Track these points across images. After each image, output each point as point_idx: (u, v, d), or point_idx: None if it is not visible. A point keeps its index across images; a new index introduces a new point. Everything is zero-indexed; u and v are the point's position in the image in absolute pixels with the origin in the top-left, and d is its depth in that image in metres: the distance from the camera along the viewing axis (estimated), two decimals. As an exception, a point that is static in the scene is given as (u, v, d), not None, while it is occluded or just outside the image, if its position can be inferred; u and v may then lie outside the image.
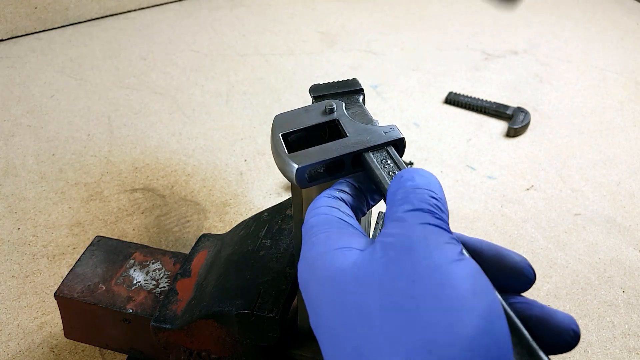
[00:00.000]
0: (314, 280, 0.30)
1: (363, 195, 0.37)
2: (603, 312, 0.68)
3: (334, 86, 0.45)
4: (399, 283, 0.27)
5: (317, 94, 0.45)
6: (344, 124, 0.40)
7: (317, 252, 0.31)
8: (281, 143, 0.39)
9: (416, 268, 0.27)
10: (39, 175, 0.88)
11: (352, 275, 0.28)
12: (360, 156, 0.38)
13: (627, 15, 1.42)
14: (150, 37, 1.28)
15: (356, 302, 0.27)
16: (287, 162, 0.37)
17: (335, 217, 0.33)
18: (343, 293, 0.28)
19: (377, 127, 0.39)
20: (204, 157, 0.92)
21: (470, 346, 0.24)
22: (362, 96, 0.45)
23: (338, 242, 0.31)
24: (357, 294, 0.28)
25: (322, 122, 0.41)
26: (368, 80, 1.13)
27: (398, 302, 0.26)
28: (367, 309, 0.27)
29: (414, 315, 0.25)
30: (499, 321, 0.25)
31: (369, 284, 0.27)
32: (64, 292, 0.55)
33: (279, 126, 0.40)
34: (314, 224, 0.33)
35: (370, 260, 0.28)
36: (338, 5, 1.44)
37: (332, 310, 0.28)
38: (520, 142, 0.97)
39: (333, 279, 0.29)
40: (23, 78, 1.12)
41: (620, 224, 0.81)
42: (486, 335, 0.24)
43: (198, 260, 0.57)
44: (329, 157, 0.37)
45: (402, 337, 0.25)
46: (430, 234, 0.28)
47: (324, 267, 0.30)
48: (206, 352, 0.52)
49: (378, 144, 0.38)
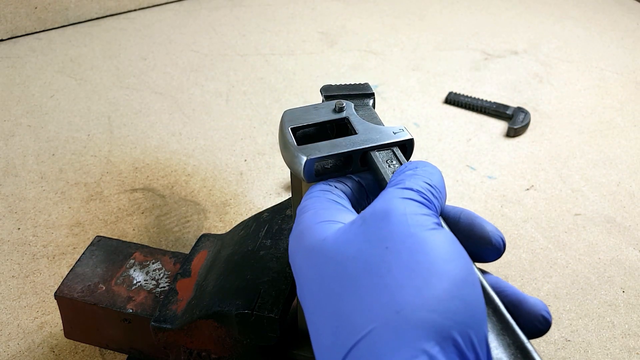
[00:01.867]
0: (300, 251, 0.32)
1: (364, 190, 0.38)
2: (603, 312, 0.68)
3: (346, 88, 0.46)
4: (373, 249, 0.28)
5: (328, 93, 0.45)
6: (353, 122, 0.40)
7: (304, 225, 0.32)
8: (290, 136, 0.39)
9: (391, 235, 0.28)
10: (39, 175, 0.88)
11: (333, 243, 0.30)
12: (367, 154, 0.38)
13: (627, 15, 1.42)
14: (150, 37, 1.28)
15: (336, 268, 0.29)
16: (296, 154, 0.37)
17: (327, 198, 0.35)
18: (325, 260, 0.29)
19: (386, 127, 0.39)
20: (204, 157, 0.92)
21: (438, 308, 0.25)
22: (372, 100, 0.45)
23: (324, 216, 0.32)
24: (336, 260, 0.29)
25: (332, 120, 0.41)
26: (368, 80, 1.13)
27: (372, 267, 0.27)
28: (345, 274, 0.28)
29: (385, 279, 0.26)
30: (472, 288, 0.26)
31: (348, 251, 0.29)
32: (64, 292, 0.55)
33: (289, 120, 0.40)
34: (305, 205, 0.35)
35: (351, 229, 0.30)
36: (338, 5, 1.44)
37: (314, 277, 0.30)
38: (520, 142, 0.97)
39: (316, 248, 0.30)
40: (23, 78, 1.12)
41: (620, 224, 0.81)
42: (456, 299, 0.25)
43: (198, 260, 0.57)
44: (338, 151, 0.37)
45: (374, 300, 0.26)
46: (409, 206, 0.29)
47: (309, 237, 0.31)
48: (206, 352, 0.52)
49: (387, 142, 0.38)
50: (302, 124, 0.40)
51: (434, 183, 0.32)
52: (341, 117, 0.41)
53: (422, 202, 0.30)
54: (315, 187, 0.36)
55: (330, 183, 0.36)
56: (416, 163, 0.34)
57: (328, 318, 0.28)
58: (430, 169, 0.33)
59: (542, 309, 0.30)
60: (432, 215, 0.29)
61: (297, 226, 0.33)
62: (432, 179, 0.32)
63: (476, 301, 0.26)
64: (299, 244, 0.32)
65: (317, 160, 0.37)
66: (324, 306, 0.28)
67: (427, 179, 0.32)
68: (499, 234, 0.33)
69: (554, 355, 0.64)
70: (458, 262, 0.27)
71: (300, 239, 0.32)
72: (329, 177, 0.38)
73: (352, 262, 0.28)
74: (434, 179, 0.32)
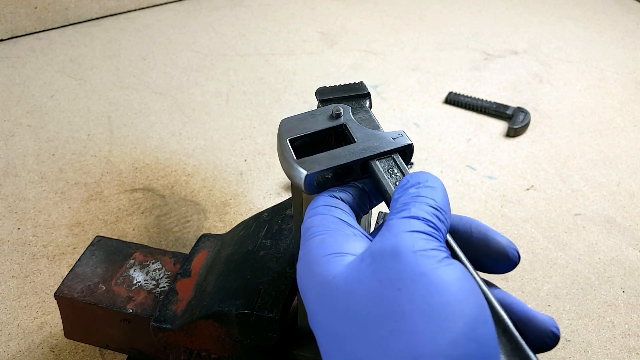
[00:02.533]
0: (309, 285, 0.31)
1: (366, 196, 0.37)
2: (603, 312, 0.68)
3: (341, 90, 0.45)
4: (385, 291, 0.27)
5: (323, 97, 0.44)
6: (351, 129, 0.39)
7: (312, 256, 0.31)
8: (289, 149, 0.38)
9: (402, 275, 0.27)
10: (39, 175, 0.88)
11: (343, 283, 0.29)
12: (368, 163, 0.37)
13: (627, 15, 1.42)
14: (150, 37, 1.28)
15: (346, 310, 0.28)
16: (295, 168, 0.37)
17: (333, 216, 0.34)
18: (335, 300, 0.29)
19: (385, 132, 0.39)
20: (204, 157, 0.92)
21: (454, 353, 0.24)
22: (368, 100, 0.44)
23: (332, 247, 0.31)
24: (347, 302, 0.28)
25: (329, 127, 0.40)
26: (368, 80, 1.13)
27: (385, 310, 0.26)
28: (356, 317, 0.27)
29: (400, 324, 0.26)
30: (485, 326, 0.26)
31: (358, 292, 0.28)
32: (64, 292, 0.55)
33: (286, 131, 0.40)
34: (311, 224, 0.34)
35: (360, 267, 0.29)
36: (338, 5, 1.44)
37: (325, 316, 0.29)
38: (520, 142, 0.97)
39: (326, 286, 0.29)
40: (23, 78, 1.12)
41: (620, 224, 0.81)
42: (471, 341, 0.25)
43: (198, 260, 0.57)
44: (338, 163, 0.36)
45: (388, 346, 0.26)
46: (417, 241, 0.28)
47: (319, 273, 0.30)
48: (206, 352, 0.52)
49: (387, 150, 0.37)
50: (300, 134, 0.39)
51: (438, 204, 0.31)
52: (339, 124, 0.40)
53: (430, 232, 0.29)
54: (319, 201, 0.35)
55: (334, 194, 0.36)
56: (418, 177, 0.33)
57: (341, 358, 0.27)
58: (433, 185, 0.32)
59: (552, 325, 0.30)
60: (441, 246, 0.29)
61: (305, 255, 0.32)
62: (436, 198, 0.31)
63: (489, 339, 0.25)
64: (308, 277, 0.31)
65: (317, 174, 0.36)
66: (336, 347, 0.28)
67: (431, 201, 0.31)
68: (513, 247, 0.33)
69: (554, 355, 0.64)
70: (470, 299, 0.26)
71: (309, 271, 0.31)
72: (330, 187, 0.37)
73: (363, 305, 0.27)
74: (438, 199, 0.31)
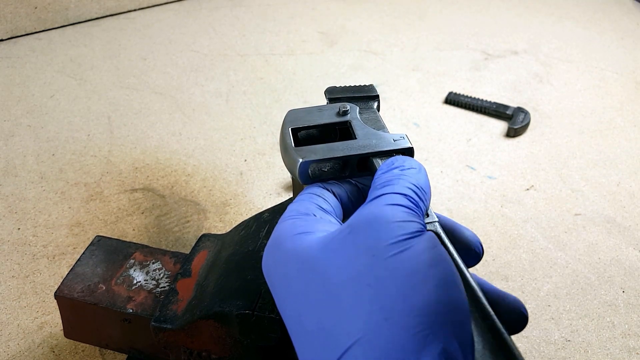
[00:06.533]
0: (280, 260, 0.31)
1: (360, 193, 0.38)
2: (603, 312, 0.68)
3: (350, 90, 0.45)
4: (361, 257, 0.28)
5: (332, 96, 0.45)
6: (355, 126, 0.40)
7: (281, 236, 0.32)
8: (289, 136, 0.39)
9: (377, 242, 0.28)
10: (39, 175, 0.88)
11: (319, 251, 0.29)
12: (367, 160, 0.38)
13: (627, 15, 1.42)
14: (150, 37, 1.28)
15: (322, 277, 0.28)
16: (292, 155, 0.37)
17: (312, 202, 0.34)
18: (310, 269, 0.29)
19: (387, 134, 0.39)
20: (204, 157, 0.92)
21: (424, 312, 0.25)
22: (377, 102, 0.45)
23: (303, 227, 0.32)
24: (322, 269, 0.29)
25: (333, 122, 0.41)
26: (368, 80, 1.13)
27: (359, 276, 0.27)
28: (331, 283, 0.28)
29: (373, 287, 0.26)
30: (455, 290, 0.27)
31: (335, 260, 0.28)
32: (64, 292, 0.55)
33: (290, 121, 0.40)
34: (288, 209, 0.34)
35: (338, 237, 0.29)
36: (338, 5, 1.44)
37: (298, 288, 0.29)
38: (520, 142, 0.97)
39: (300, 256, 0.30)
40: (23, 78, 1.12)
41: (620, 224, 0.81)
42: (441, 303, 0.26)
43: (198, 260, 0.57)
44: (333, 155, 0.37)
45: (361, 309, 0.26)
46: (397, 213, 0.29)
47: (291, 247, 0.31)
48: (206, 352, 0.52)
49: (386, 150, 0.38)
50: (303, 125, 0.40)
51: (420, 184, 0.32)
52: (344, 120, 0.41)
53: (410, 207, 0.30)
54: (307, 190, 0.36)
55: (326, 186, 0.36)
56: (403, 160, 0.34)
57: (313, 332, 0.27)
58: (416, 167, 0.34)
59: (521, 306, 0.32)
60: (418, 219, 0.30)
61: (274, 236, 0.33)
62: (418, 179, 0.33)
63: (460, 302, 0.26)
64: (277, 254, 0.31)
65: (312, 163, 0.37)
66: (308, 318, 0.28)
67: (414, 180, 0.32)
68: (477, 239, 0.34)
69: (554, 355, 0.64)
70: (442, 265, 0.27)
71: (278, 249, 0.32)
72: (326, 180, 0.37)
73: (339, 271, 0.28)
74: (420, 180, 0.33)
